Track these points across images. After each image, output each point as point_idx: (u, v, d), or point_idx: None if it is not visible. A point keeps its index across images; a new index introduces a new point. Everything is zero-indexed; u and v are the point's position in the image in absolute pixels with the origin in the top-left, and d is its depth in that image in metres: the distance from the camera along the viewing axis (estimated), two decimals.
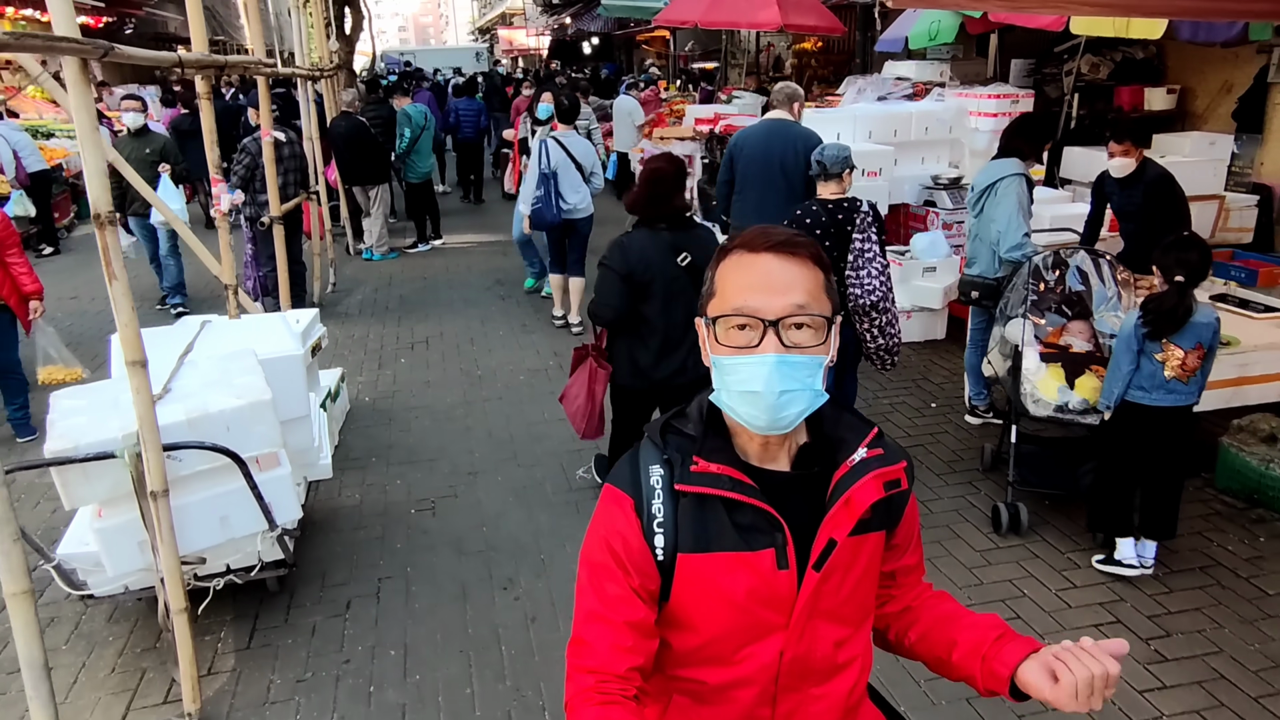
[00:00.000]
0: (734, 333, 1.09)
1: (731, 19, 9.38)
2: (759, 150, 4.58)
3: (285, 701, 2.73)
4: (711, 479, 1.11)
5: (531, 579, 3.34)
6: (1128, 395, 3.09)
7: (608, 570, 1.13)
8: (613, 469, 1.19)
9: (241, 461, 2.60)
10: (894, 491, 1.15)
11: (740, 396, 1.09)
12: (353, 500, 3.94)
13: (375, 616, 3.13)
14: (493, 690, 2.77)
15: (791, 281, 1.08)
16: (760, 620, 1.13)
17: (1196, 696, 2.65)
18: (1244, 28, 6.48)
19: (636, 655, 1.11)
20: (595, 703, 1.08)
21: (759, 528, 1.11)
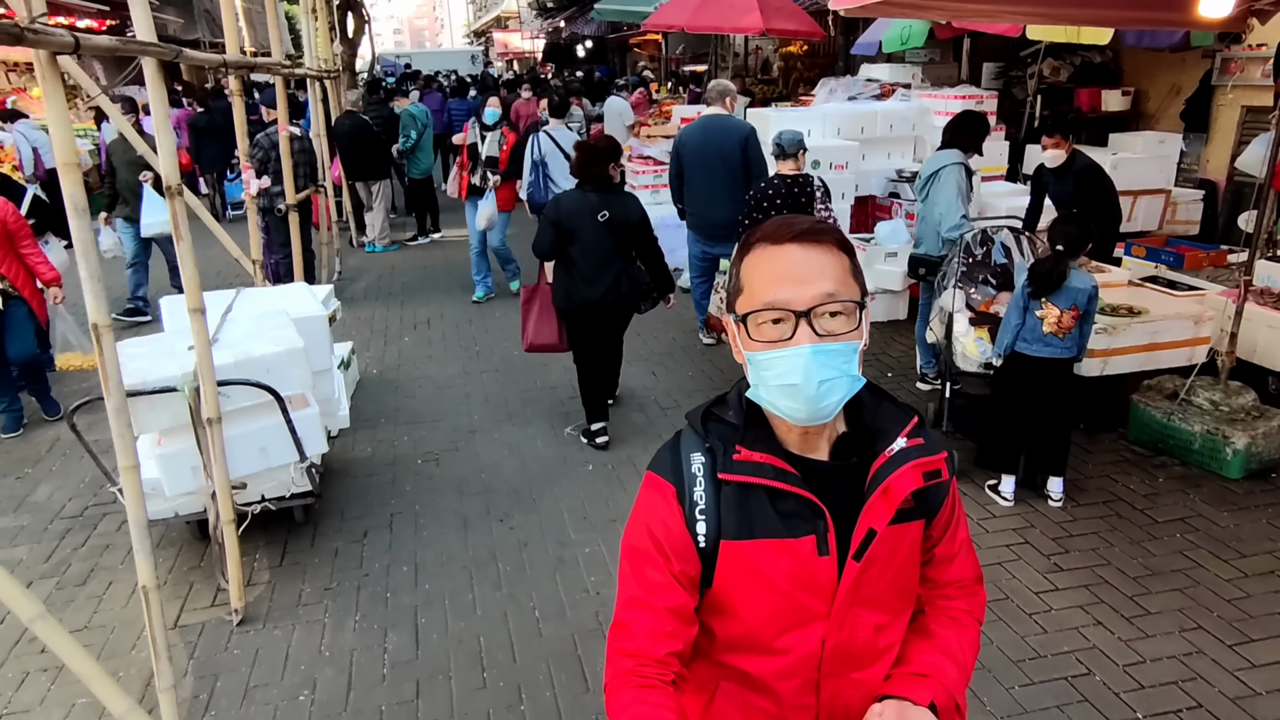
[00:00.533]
0: (766, 327, 1.09)
1: (716, 23, 9.90)
2: (699, 143, 5.16)
3: (315, 604, 3.23)
4: (754, 468, 1.12)
5: (524, 514, 3.84)
6: (1016, 346, 3.61)
7: (649, 556, 1.15)
8: (654, 457, 1.22)
9: (280, 398, 3.11)
10: (934, 481, 1.16)
11: (779, 390, 1.09)
12: (365, 453, 4.45)
13: (389, 542, 3.64)
14: (490, 596, 3.27)
15: (820, 269, 1.08)
16: (802, 606, 1.14)
17: (1081, 595, 3.17)
18: (1186, 34, 7.03)
19: (676, 640, 1.14)
20: (634, 685, 1.10)
21: (801, 515, 1.12)
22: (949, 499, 1.23)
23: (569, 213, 4.16)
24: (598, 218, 4.12)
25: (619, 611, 1.18)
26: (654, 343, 6.01)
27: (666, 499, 1.15)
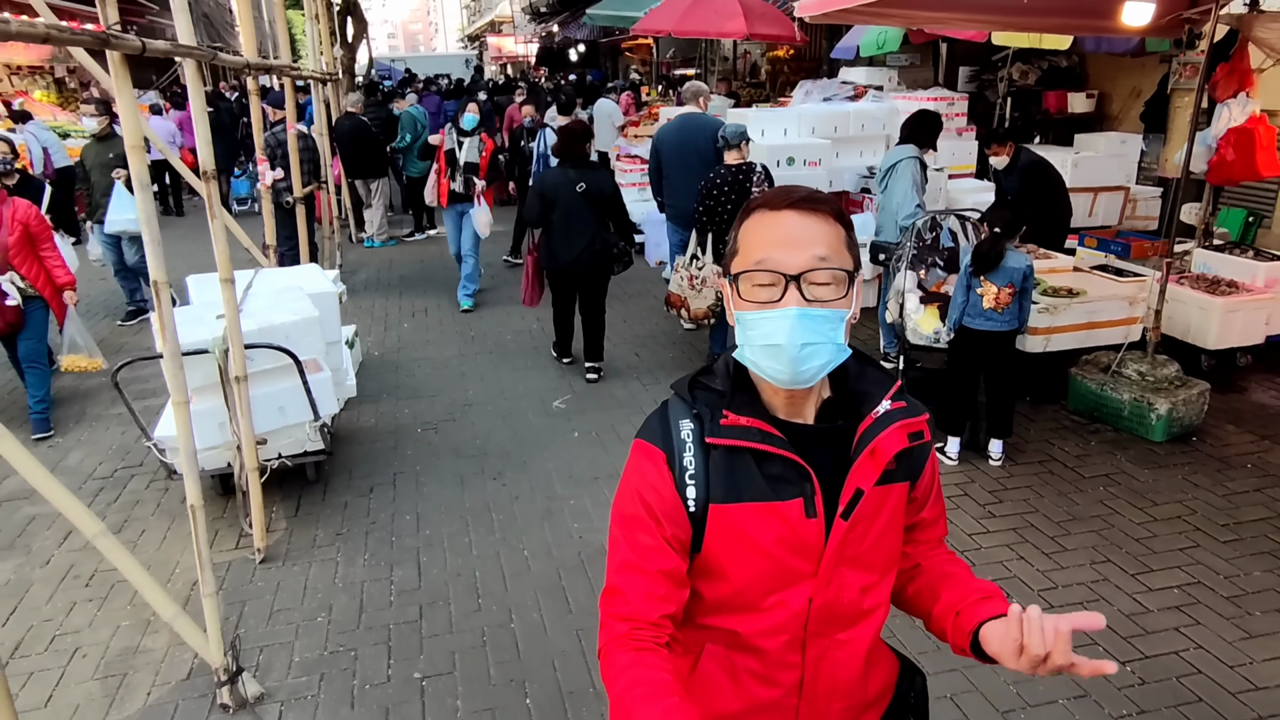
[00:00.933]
0: (757, 289, 1.12)
1: (702, 28, 10.34)
2: (676, 140, 5.61)
3: (328, 546, 3.63)
4: (741, 431, 1.15)
5: (515, 473, 4.25)
6: (963, 321, 4.04)
7: (640, 521, 1.17)
8: (643, 425, 1.25)
9: (299, 361, 3.52)
10: (918, 442, 1.20)
11: (763, 350, 1.12)
12: (370, 423, 4.85)
13: (393, 496, 4.04)
14: (485, 540, 3.68)
15: (813, 236, 1.10)
16: (789, 568, 1.17)
17: (1009, 536, 3.60)
18: (1142, 41, 7.49)
19: (669, 603, 1.16)
20: (629, 649, 1.12)
21: (788, 478, 1.15)
22: (929, 462, 1.27)
23: (552, 185, 5.05)
24: (576, 189, 4.99)
25: (611, 576, 1.19)
26: (638, 326, 6.44)
27: (656, 464, 1.17)
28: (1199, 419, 4.49)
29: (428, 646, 3.01)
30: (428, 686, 2.82)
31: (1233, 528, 3.61)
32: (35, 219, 4.67)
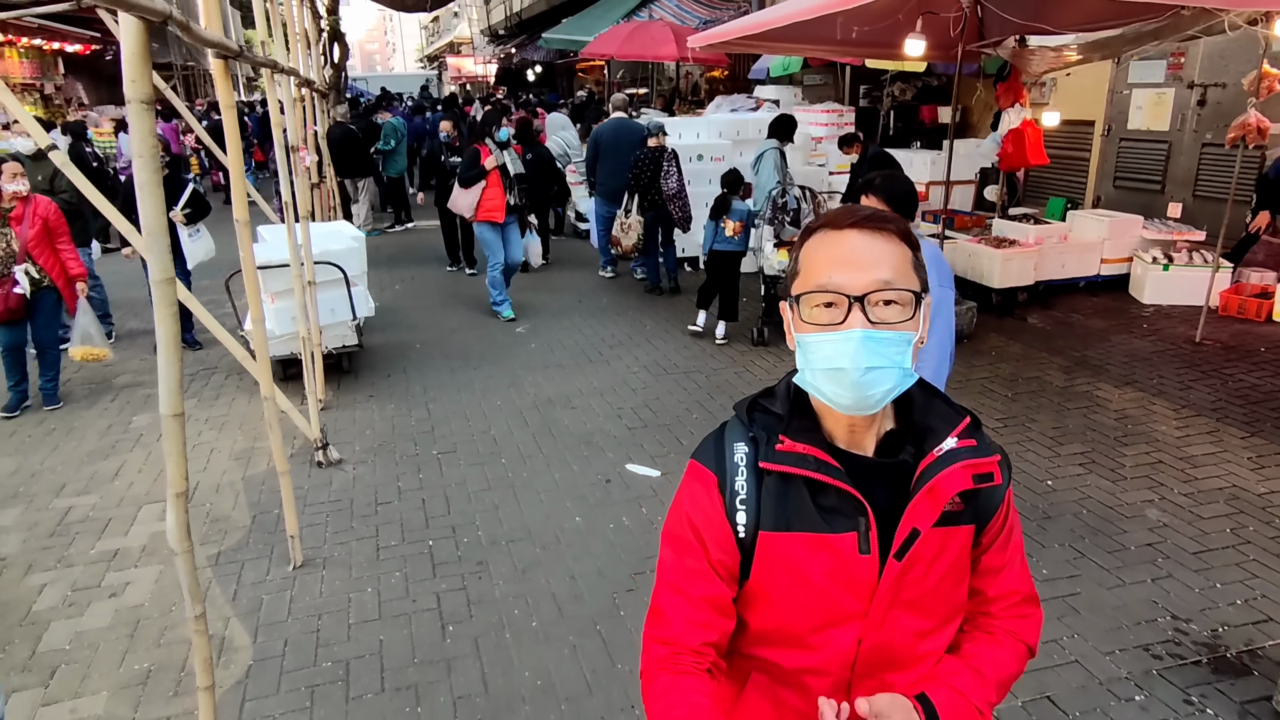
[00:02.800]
0: (819, 311, 1.09)
1: (639, 52, 12.43)
2: (611, 136, 7.74)
3: (365, 402, 5.48)
4: (797, 459, 1.12)
5: (490, 366, 6.13)
6: (714, 247, 6.18)
7: (688, 545, 1.16)
8: (699, 446, 1.23)
9: (346, 275, 5.38)
10: (984, 485, 1.14)
11: (825, 375, 1.08)
12: (381, 342, 6.70)
13: (405, 376, 5.91)
14: (470, 397, 5.55)
15: (878, 257, 1.08)
16: (838, 604, 1.14)
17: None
18: (979, 65, 9.70)
19: (711, 631, 1.15)
20: (669, 672, 1.13)
21: (842, 510, 1.11)
22: (1003, 507, 1.20)
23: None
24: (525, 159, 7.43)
25: (656, 597, 1.19)
26: (581, 285, 8.40)
27: (707, 488, 1.16)
28: (970, 328, 6.54)
29: (439, 442, 4.88)
30: (442, 458, 4.68)
31: (1001, 395, 5.63)
32: (54, 215, 5.20)
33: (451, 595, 3.42)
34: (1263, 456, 4.47)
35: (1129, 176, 9.27)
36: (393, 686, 2.91)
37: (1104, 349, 6.24)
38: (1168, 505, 4.01)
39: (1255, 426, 4.85)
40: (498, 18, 30.74)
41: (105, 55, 21.32)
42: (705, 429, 4.70)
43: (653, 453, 4.63)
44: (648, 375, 5.85)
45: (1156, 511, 3.96)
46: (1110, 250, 7.69)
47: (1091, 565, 3.54)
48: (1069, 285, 7.68)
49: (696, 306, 6.72)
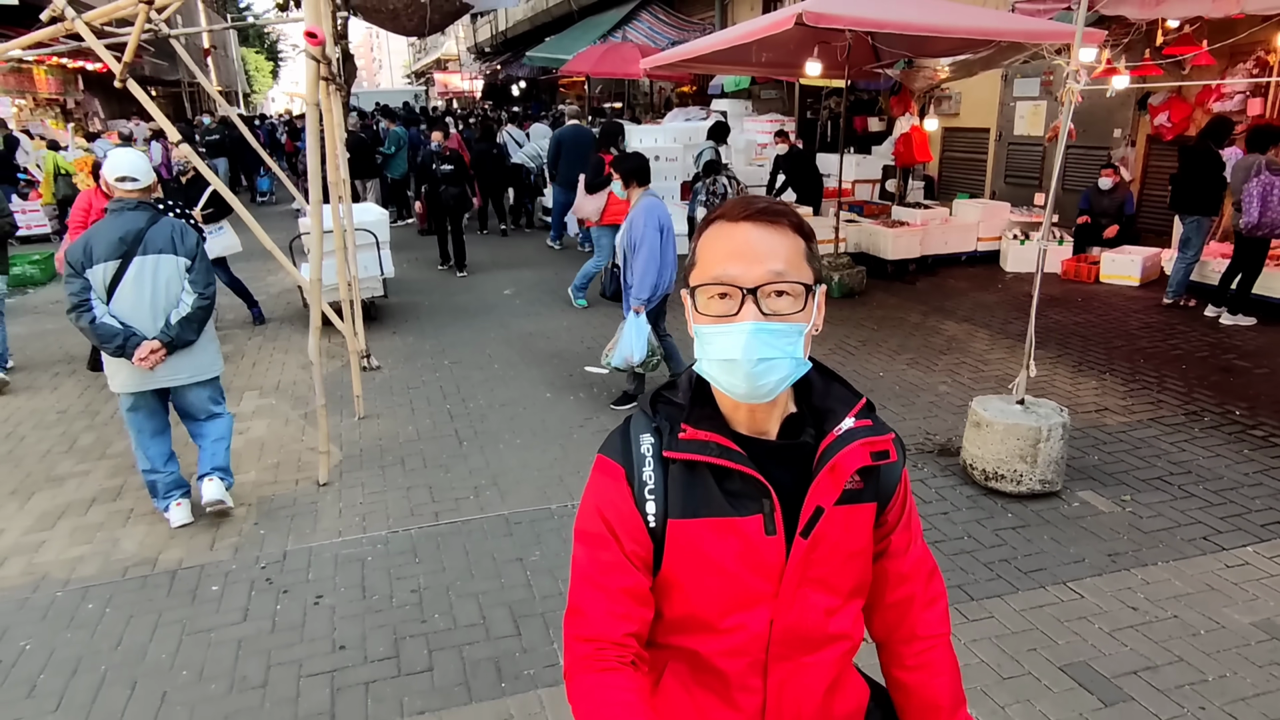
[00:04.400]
0: (714, 302, 1.13)
1: (611, 70, 14.44)
2: (570, 139, 9.73)
3: (390, 335, 7.38)
4: (699, 445, 1.16)
5: (484, 315, 8.04)
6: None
7: (601, 539, 1.19)
8: (605, 440, 1.26)
9: (378, 239, 7.29)
10: (881, 462, 1.22)
11: (719, 365, 1.13)
12: (395, 302, 8.60)
13: (420, 323, 7.82)
14: (470, 332, 7.45)
15: (771, 249, 1.11)
16: (749, 587, 1.19)
17: None
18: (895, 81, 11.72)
19: (632, 621, 1.18)
20: (594, 670, 1.15)
21: (747, 494, 1.16)
22: (901, 485, 1.28)
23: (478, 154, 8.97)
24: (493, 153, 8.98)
25: (573, 596, 1.21)
26: (516, 251, 10.34)
27: (615, 480, 1.20)
28: (860, 287, 8.50)
29: (448, 355, 6.79)
30: (451, 365, 6.58)
31: (869, 328, 7.57)
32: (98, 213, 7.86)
33: (463, 430, 5.31)
34: (1038, 362, 6.42)
35: (1015, 174, 11.32)
36: (432, 466, 4.79)
37: (960, 300, 8.22)
38: (955, 384, 5.95)
39: (1041, 342, 6.80)
40: (484, 36, 32.85)
41: None
42: None
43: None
44: (604, 316, 7.76)
45: (946, 387, 5.91)
46: (985, 230, 9.69)
47: (889, 413, 5.47)
48: (953, 259, 9.66)
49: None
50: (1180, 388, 5.79)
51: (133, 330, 3.83)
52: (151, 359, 3.84)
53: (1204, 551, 3.80)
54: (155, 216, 4.00)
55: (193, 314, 3.96)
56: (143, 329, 3.86)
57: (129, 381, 3.93)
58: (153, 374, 3.92)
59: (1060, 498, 4.30)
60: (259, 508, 4.35)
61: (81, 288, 3.78)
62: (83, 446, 5.20)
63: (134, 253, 3.87)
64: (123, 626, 3.40)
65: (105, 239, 3.83)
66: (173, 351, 3.92)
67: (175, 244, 3.96)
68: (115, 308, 3.83)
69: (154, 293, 3.89)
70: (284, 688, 3.03)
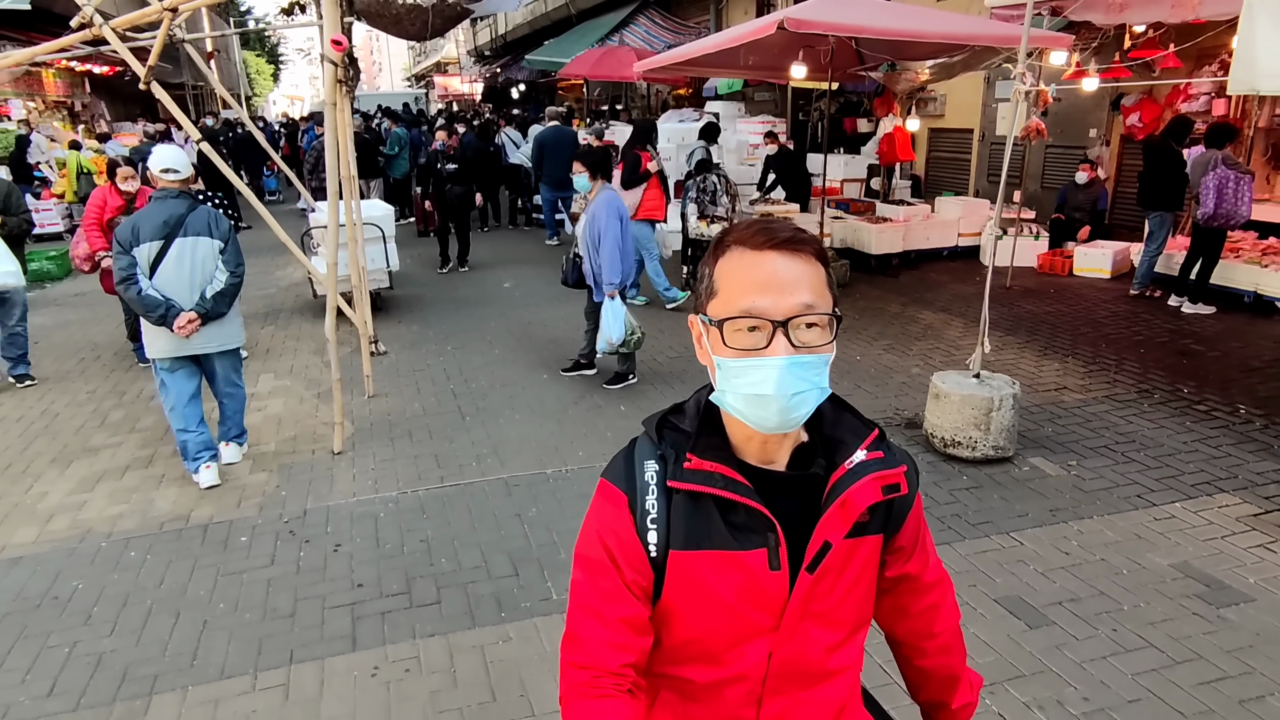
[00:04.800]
0: (742, 335, 1.10)
1: (607, 73, 14.87)
2: (552, 139, 10.17)
3: (397, 325, 7.81)
4: (704, 476, 1.14)
5: (484, 305, 8.47)
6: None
7: (601, 566, 1.18)
8: (609, 464, 1.24)
9: (384, 233, 7.72)
10: (893, 496, 1.19)
11: (749, 399, 1.11)
12: (400, 294, 9.03)
13: (424, 312, 8.24)
14: (471, 321, 7.88)
15: (799, 280, 1.09)
16: (749, 621, 1.17)
17: None
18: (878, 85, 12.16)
19: (629, 652, 1.17)
20: (589, 697, 1.15)
21: (752, 527, 1.15)
22: (913, 512, 1.27)
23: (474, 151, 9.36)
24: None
25: (570, 622, 1.20)
26: (516, 247, 10.77)
27: (618, 508, 1.18)
28: (845, 279, 8.92)
29: (451, 341, 7.21)
30: (454, 350, 7.00)
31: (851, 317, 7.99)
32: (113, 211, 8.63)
33: (466, 406, 5.73)
34: (1005, 346, 6.85)
35: (997, 172, 11.73)
36: (437, 438, 5.21)
37: (939, 292, 8.65)
38: (927, 366, 6.37)
39: (1012, 330, 7.25)
40: (484, 39, 33.31)
41: (124, 76, 23.67)
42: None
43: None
44: None
45: (918, 369, 6.33)
46: (965, 226, 10.12)
47: (864, 392, 5.89)
48: (935, 253, 10.09)
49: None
50: (1136, 369, 6.21)
51: (173, 302, 4.32)
52: (189, 328, 4.34)
53: (1136, 507, 4.23)
54: (194, 204, 4.49)
55: (225, 289, 4.45)
56: (181, 301, 4.35)
57: (167, 347, 4.42)
58: (188, 341, 4.41)
59: (1012, 463, 4.72)
60: (279, 474, 4.77)
61: (129, 264, 4.26)
62: (113, 422, 5.62)
63: (175, 235, 4.37)
64: (164, 569, 3.82)
65: (151, 222, 4.32)
66: (206, 322, 4.41)
67: (211, 228, 4.46)
68: (157, 282, 4.32)
69: (192, 270, 4.38)
70: (310, 617, 3.45)
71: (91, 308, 8.66)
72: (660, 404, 5.69)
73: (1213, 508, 4.19)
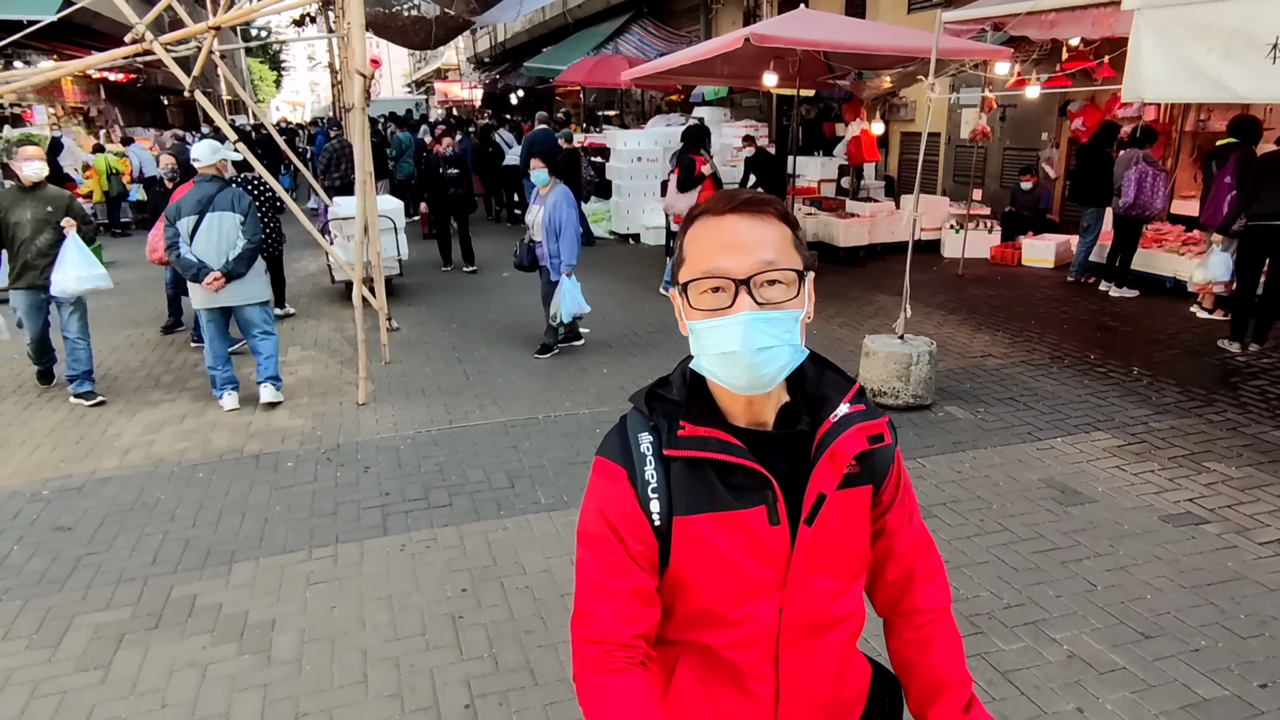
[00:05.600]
0: (707, 296, 1.15)
1: (601, 80, 15.86)
2: (540, 141, 11.09)
3: (408, 305, 8.76)
4: (699, 442, 1.18)
5: (487, 291, 9.41)
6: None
7: (605, 541, 1.22)
8: (602, 442, 1.28)
9: (395, 224, 8.68)
10: (877, 445, 1.25)
11: (718, 359, 1.15)
12: (408, 282, 9.98)
13: (431, 297, 9.20)
14: (476, 303, 8.83)
15: (760, 239, 1.14)
16: (756, 578, 1.22)
17: None
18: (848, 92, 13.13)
19: (639, 623, 1.20)
20: (603, 672, 1.17)
21: (749, 486, 1.19)
22: (894, 466, 1.32)
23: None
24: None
25: (579, 599, 1.23)
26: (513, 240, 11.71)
27: (617, 482, 1.22)
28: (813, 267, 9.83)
29: (456, 320, 8.15)
30: (458, 327, 7.94)
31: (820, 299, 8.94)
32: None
33: (469, 370, 6.68)
34: (946, 323, 7.80)
35: (962, 173, 12.71)
36: (445, 393, 6.16)
37: (897, 279, 9.52)
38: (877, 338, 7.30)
39: (955, 310, 8.19)
40: (483, 46, 34.37)
41: (137, 83, 24.69)
42: (616, 307, 7.94)
43: (588, 323, 7.90)
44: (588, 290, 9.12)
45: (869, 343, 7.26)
46: (927, 222, 11.07)
47: None
48: (900, 246, 11.02)
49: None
50: (1054, 341, 7.16)
51: (205, 264, 5.48)
52: (215, 284, 5.50)
53: (1025, 441, 5.17)
54: (222, 186, 5.67)
55: (242, 253, 5.59)
56: (211, 264, 5.51)
57: (203, 300, 5.65)
58: (217, 295, 5.60)
59: (930, 409, 5.66)
60: (314, 420, 5.72)
61: (174, 234, 5.45)
62: (165, 383, 6.56)
63: (207, 210, 5.53)
64: (227, 485, 4.76)
65: (189, 201, 5.53)
66: (230, 280, 5.54)
67: (233, 205, 5.61)
68: (194, 248, 5.48)
69: (219, 239, 5.55)
70: (349, 514, 4.39)
71: (128, 294, 9.60)
72: (641, 369, 6.69)
73: (1086, 441, 5.14)
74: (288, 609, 3.58)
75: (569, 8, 21.81)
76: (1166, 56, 5.31)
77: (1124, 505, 4.33)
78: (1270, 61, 4.81)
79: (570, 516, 4.25)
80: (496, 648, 3.29)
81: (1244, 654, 3.17)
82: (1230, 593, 3.56)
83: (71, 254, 5.74)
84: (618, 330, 7.77)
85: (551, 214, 6.54)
